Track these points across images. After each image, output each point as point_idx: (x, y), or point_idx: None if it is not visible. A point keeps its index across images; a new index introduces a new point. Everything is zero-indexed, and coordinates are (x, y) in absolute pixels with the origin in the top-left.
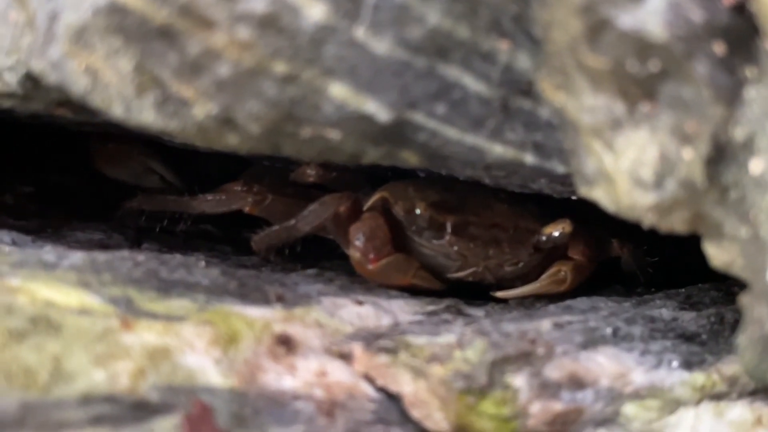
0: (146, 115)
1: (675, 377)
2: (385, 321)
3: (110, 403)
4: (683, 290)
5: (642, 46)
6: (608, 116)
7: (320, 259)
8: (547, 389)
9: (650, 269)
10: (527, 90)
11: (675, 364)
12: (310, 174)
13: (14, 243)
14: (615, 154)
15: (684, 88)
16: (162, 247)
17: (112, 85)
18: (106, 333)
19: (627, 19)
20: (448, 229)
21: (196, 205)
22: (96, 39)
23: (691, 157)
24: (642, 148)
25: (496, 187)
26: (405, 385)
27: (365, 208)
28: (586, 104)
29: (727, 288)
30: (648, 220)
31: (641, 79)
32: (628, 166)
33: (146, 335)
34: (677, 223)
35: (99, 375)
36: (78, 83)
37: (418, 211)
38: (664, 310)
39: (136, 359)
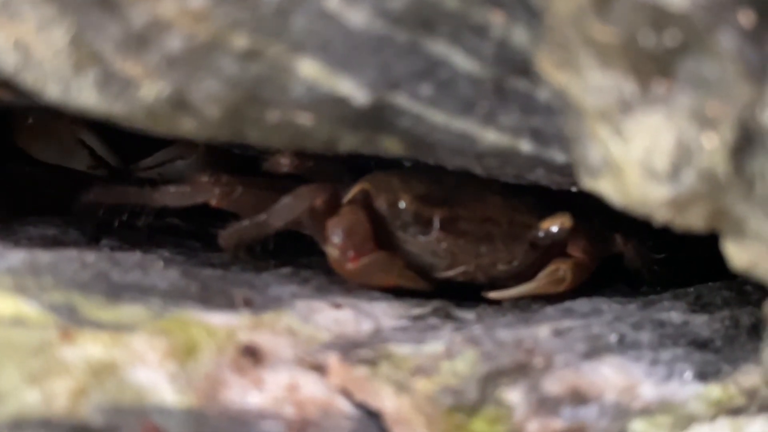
0: (86, 97)
1: (688, 390)
2: (366, 326)
3: (45, 428)
4: (692, 289)
5: (658, 16)
6: (617, 97)
7: (297, 255)
8: (545, 405)
9: (656, 266)
10: (524, 69)
11: (688, 375)
12: (284, 163)
13: None
14: (624, 141)
15: (706, 64)
16: (123, 244)
17: (45, 61)
18: (42, 346)
19: None
20: (436, 224)
21: (158, 197)
22: (26, 8)
23: (713, 145)
24: (656, 133)
25: (489, 178)
26: (386, 400)
27: (344, 201)
28: (592, 84)
29: (739, 287)
30: (661, 217)
31: (656, 54)
32: (640, 155)
33: (90, 348)
34: (694, 220)
35: (33, 395)
36: (7, 60)
37: (402, 205)
38: (673, 313)
39: (76, 376)
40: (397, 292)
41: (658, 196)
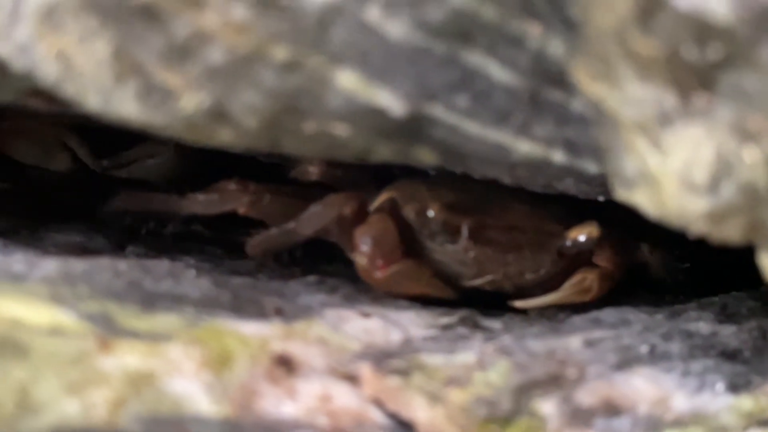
0: (127, 108)
1: (720, 402)
2: (395, 336)
3: None
4: (717, 299)
5: (702, 30)
6: (657, 110)
7: (319, 262)
8: (578, 416)
9: (681, 276)
10: (559, 80)
11: (720, 386)
12: (313, 172)
13: None
14: (662, 154)
15: (748, 77)
16: (148, 251)
17: (87, 72)
18: (81, 356)
19: None
20: (464, 232)
21: (186, 205)
22: (69, 19)
23: (753, 158)
24: (695, 146)
25: (516, 187)
26: (419, 411)
27: (371, 209)
28: (631, 96)
29: (764, 297)
30: (697, 229)
31: (698, 67)
32: (678, 167)
33: (127, 358)
34: (731, 232)
35: (72, 405)
36: (48, 70)
37: (430, 213)
38: (701, 324)
39: (115, 386)
40: (423, 301)
41: (695, 209)
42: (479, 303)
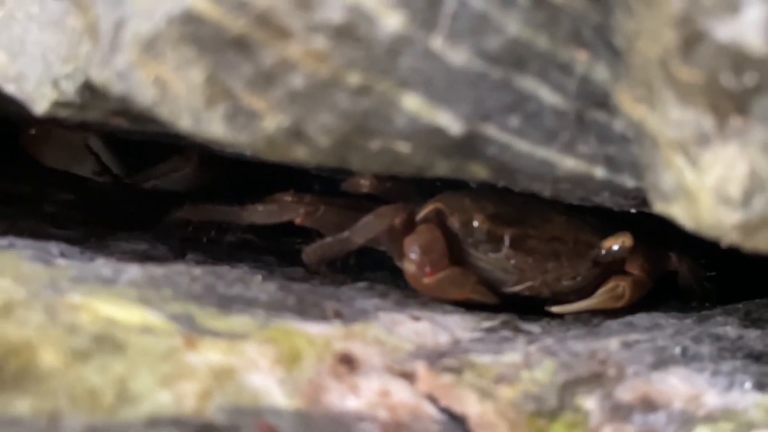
0: (215, 128)
1: (748, 399)
2: (443, 338)
3: (177, 427)
4: (741, 305)
5: (739, 60)
6: (695, 131)
7: (364, 270)
8: (619, 412)
9: (707, 283)
10: (603, 102)
11: (748, 385)
12: (364, 184)
13: (63, 255)
14: (699, 170)
15: None
16: (206, 258)
17: (181, 96)
18: (170, 352)
19: (725, 31)
20: (507, 242)
21: (246, 215)
22: (168, 49)
23: None
24: (730, 164)
25: (554, 199)
26: (471, 406)
27: (418, 219)
28: (672, 118)
29: None
30: (730, 239)
31: (735, 93)
32: (714, 183)
33: (211, 354)
34: (762, 242)
35: (165, 396)
36: (145, 94)
37: (475, 224)
38: (728, 328)
39: (201, 379)
40: (467, 306)
41: (729, 221)
42: (517, 308)
